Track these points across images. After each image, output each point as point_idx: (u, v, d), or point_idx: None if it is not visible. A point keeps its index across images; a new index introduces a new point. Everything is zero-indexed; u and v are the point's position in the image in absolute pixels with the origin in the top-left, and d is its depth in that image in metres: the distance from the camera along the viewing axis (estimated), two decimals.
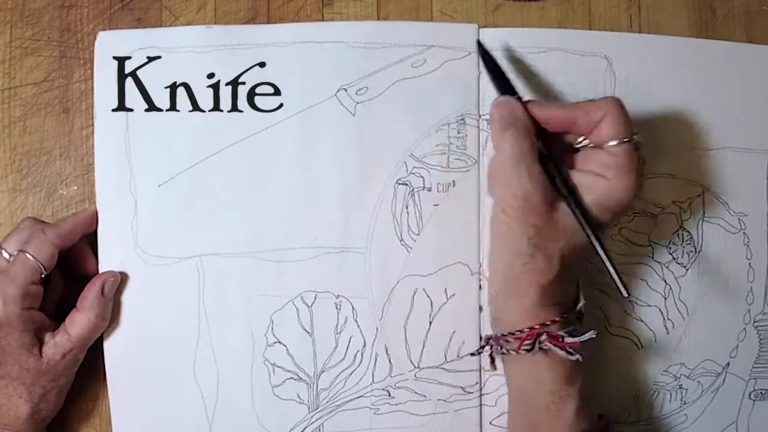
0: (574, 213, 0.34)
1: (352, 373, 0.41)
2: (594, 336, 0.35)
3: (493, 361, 0.38)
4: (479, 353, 0.39)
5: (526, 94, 0.40)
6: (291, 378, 0.41)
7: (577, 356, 0.34)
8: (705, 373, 0.43)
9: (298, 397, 0.41)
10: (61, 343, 0.37)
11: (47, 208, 0.41)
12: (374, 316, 0.41)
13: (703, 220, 0.43)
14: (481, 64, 0.40)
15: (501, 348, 0.36)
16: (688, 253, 0.43)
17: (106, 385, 0.40)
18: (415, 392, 0.41)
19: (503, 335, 0.36)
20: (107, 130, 0.40)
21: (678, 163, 0.43)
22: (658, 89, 0.43)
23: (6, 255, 0.38)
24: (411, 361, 0.41)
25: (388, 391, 0.41)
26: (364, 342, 0.41)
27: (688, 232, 0.43)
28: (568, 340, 0.34)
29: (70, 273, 0.40)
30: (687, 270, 0.43)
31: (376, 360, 0.41)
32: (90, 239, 0.40)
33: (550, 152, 0.36)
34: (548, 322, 0.35)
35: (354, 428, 0.41)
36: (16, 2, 0.42)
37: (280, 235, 0.41)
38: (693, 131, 0.43)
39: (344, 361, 0.41)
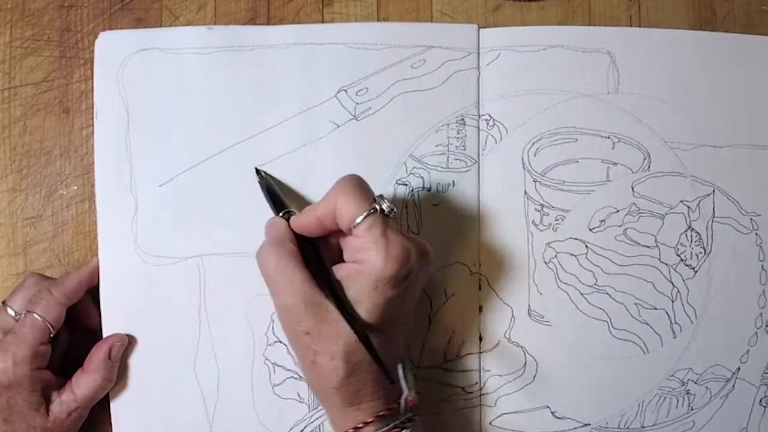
0: (340, 312, 0.36)
1: None
2: None
3: None
4: None
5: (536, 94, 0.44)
6: (291, 377, 0.45)
7: None
8: (714, 378, 0.46)
9: (299, 396, 0.45)
10: (67, 402, 0.42)
11: (47, 208, 0.45)
12: None
13: (712, 220, 0.46)
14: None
15: None
16: (696, 255, 0.46)
17: None
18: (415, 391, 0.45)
19: None
20: (107, 130, 0.44)
21: (686, 161, 0.46)
22: (664, 84, 0.46)
23: (12, 312, 0.42)
24: (411, 361, 0.45)
25: None
26: None
27: (696, 232, 0.46)
28: None
29: (73, 326, 0.44)
30: (696, 272, 0.46)
31: None
32: (92, 292, 0.44)
33: (311, 250, 0.39)
34: (360, 425, 0.37)
35: None
36: (16, 2, 0.46)
37: None
38: (701, 127, 0.46)
39: None
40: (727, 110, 0.46)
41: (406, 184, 0.45)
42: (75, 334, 0.45)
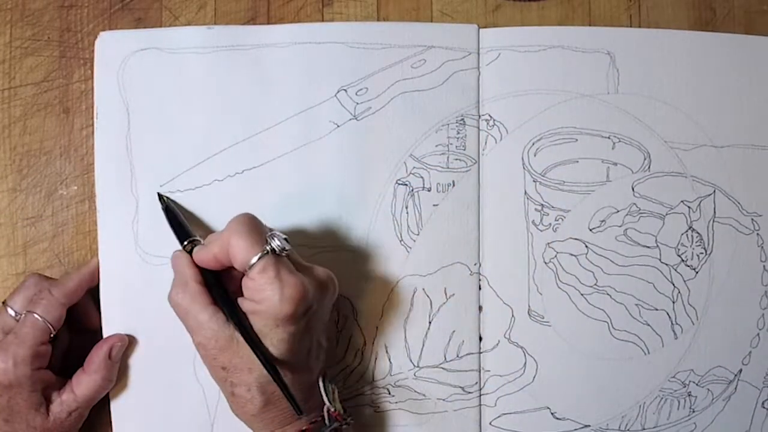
0: (249, 346, 0.38)
1: (352, 372, 0.46)
2: None
3: None
4: None
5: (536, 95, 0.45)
6: None
7: None
8: (716, 380, 0.47)
9: None
10: (67, 402, 0.42)
11: (47, 208, 0.46)
12: (374, 316, 0.46)
13: (713, 221, 0.47)
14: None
15: None
16: (697, 255, 0.47)
17: None
18: (415, 391, 0.46)
19: None
20: (107, 130, 0.45)
21: (686, 161, 0.46)
22: (664, 85, 0.47)
23: (12, 312, 0.42)
24: (411, 361, 0.46)
25: (387, 390, 0.46)
26: (364, 341, 0.46)
27: (697, 233, 0.47)
28: None
29: (73, 326, 0.45)
30: (697, 272, 0.47)
31: (376, 359, 0.46)
32: (92, 292, 0.45)
33: (216, 284, 0.40)
34: None
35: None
36: (16, 2, 0.46)
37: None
38: (702, 127, 0.47)
39: (344, 360, 0.46)
40: (727, 110, 0.47)
41: (406, 184, 0.46)
42: (75, 334, 0.45)
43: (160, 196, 0.45)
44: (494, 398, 0.46)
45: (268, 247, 0.38)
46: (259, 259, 0.37)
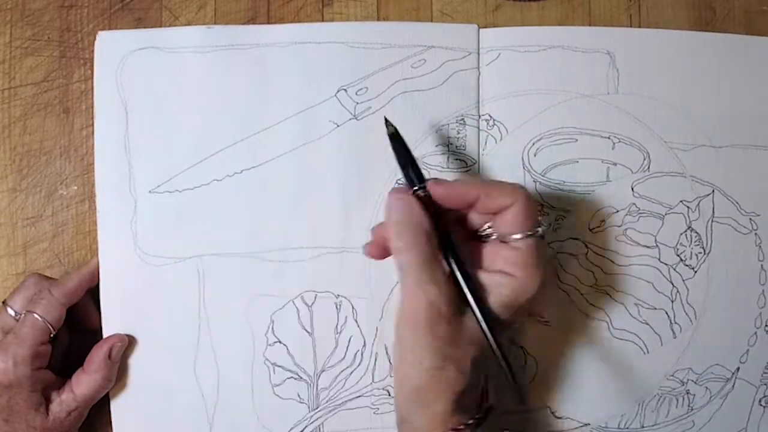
0: (478, 321, 0.35)
1: (352, 372, 0.46)
2: None
3: None
4: None
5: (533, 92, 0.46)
6: (291, 377, 0.46)
7: None
8: (713, 378, 0.47)
9: (299, 396, 0.46)
10: (67, 401, 0.43)
11: (47, 208, 0.46)
12: (374, 316, 0.46)
13: (712, 220, 0.47)
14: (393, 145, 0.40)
15: None
16: (696, 255, 0.47)
17: None
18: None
19: None
20: (107, 130, 0.45)
21: (685, 161, 0.47)
22: (664, 84, 0.47)
23: (12, 312, 0.43)
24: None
25: (388, 391, 0.46)
26: (364, 342, 0.46)
27: (696, 232, 0.47)
28: None
29: (73, 326, 0.45)
30: (695, 272, 0.47)
31: (376, 360, 0.46)
32: (92, 292, 0.45)
33: (451, 243, 0.36)
34: (461, 426, 0.36)
35: (354, 428, 0.46)
36: (16, 2, 0.46)
37: (280, 235, 0.45)
38: (701, 127, 0.47)
39: (344, 361, 0.46)
40: (727, 110, 0.47)
41: None
42: (75, 334, 0.46)
43: (387, 121, 0.40)
44: (494, 398, 0.46)
45: (540, 229, 0.36)
46: (532, 234, 0.36)
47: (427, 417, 0.36)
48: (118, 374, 0.45)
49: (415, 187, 0.38)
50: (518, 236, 0.36)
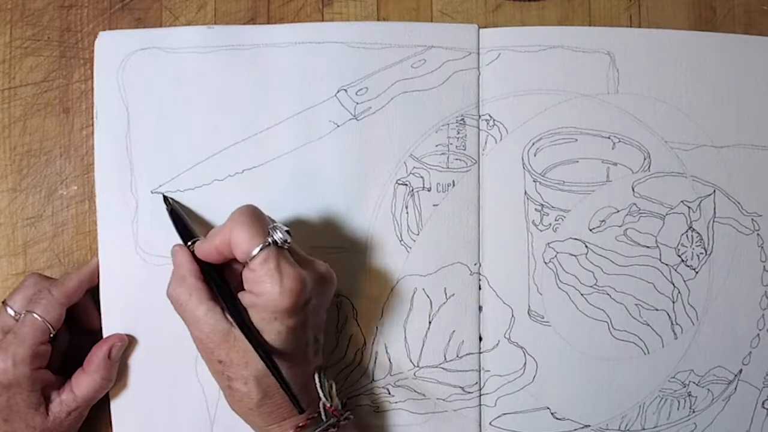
0: (247, 340, 0.38)
1: (352, 371, 0.46)
2: None
3: None
4: None
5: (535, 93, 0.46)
6: None
7: None
8: (716, 380, 0.47)
9: None
10: (66, 401, 0.43)
11: (47, 208, 0.47)
12: (374, 316, 0.46)
13: (714, 221, 0.47)
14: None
15: None
16: (697, 255, 0.47)
17: None
18: (415, 391, 0.46)
19: None
20: (107, 130, 0.45)
21: (686, 161, 0.47)
22: (664, 85, 0.47)
23: (12, 312, 0.43)
24: (411, 361, 0.46)
25: (387, 390, 0.46)
26: (364, 341, 0.46)
27: (697, 233, 0.47)
28: None
29: (73, 326, 0.45)
30: (697, 273, 0.47)
31: (375, 359, 0.46)
32: (92, 292, 0.45)
33: (212, 274, 0.40)
34: (302, 424, 0.39)
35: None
36: (16, 2, 0.47)
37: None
38: (702, 127, 0.47)
39: (344, 360, 0.46)
40: (727, 110, 0.47)
41: (406, 184, 0.46)
42: (75, 334, 0.46)
43: (165, 198, 0.45)
44: (494, 398, 0.46)
45: (269, 239, 0.38)
46: (260, 250, 0.38)
47: (254, 430, 0.41)
48: (118, 374, 0.45)
49: (189, 243, 0.42)
50: (252, 256, 0.38)
